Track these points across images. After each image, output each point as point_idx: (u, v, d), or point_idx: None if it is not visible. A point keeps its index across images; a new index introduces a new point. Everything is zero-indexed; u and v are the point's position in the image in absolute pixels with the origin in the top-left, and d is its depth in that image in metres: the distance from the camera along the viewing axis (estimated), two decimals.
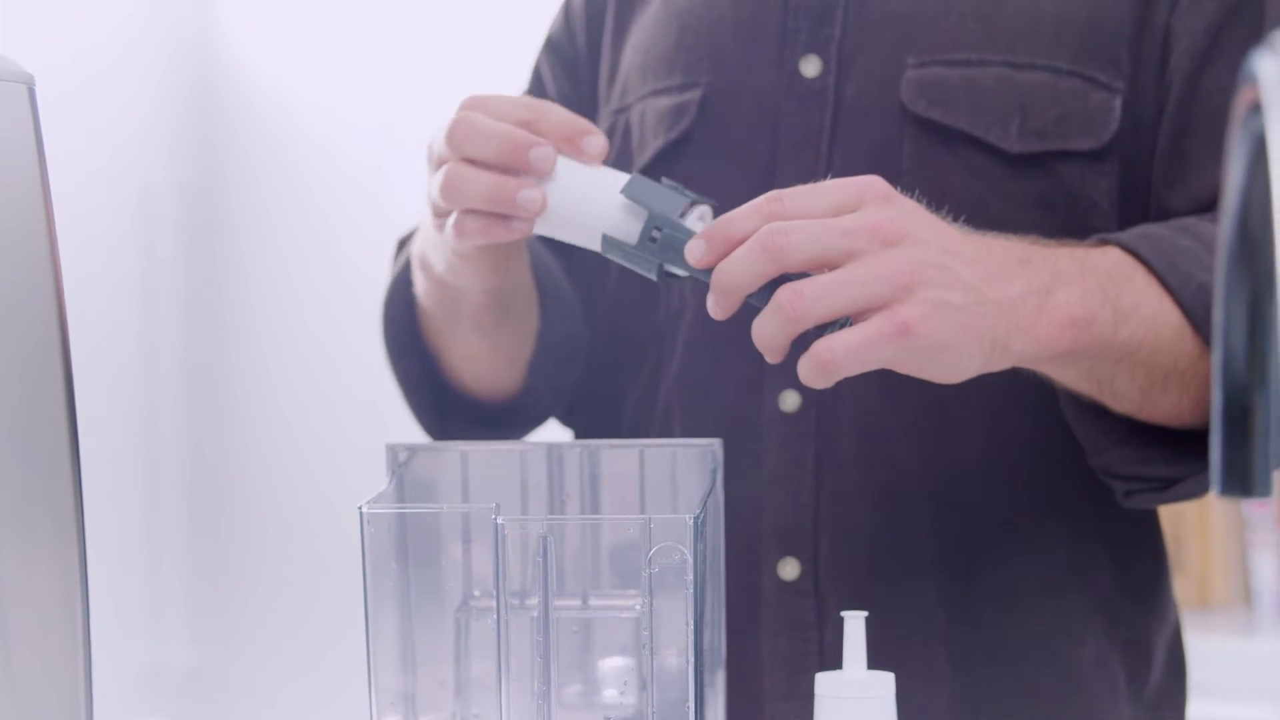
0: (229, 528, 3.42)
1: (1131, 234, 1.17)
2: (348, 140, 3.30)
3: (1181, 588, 2.69)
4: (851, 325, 1.01)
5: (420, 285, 1.31)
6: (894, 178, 1.24)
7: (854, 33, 1.29)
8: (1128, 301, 1.11)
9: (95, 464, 0.95)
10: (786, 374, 1.26)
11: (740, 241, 1.03)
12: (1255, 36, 1.20)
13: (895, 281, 1.00)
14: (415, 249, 1.31)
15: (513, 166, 1.13)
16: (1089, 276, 1.10)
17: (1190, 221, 1.19)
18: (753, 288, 1.03)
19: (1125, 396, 1.16)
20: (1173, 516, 2.63)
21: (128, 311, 3.33)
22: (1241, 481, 0.70)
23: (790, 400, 1.28)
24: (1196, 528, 2.72)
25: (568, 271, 1.42)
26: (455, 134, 1.14)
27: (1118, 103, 1.24)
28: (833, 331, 1.01)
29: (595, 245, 1.12)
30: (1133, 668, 1.30)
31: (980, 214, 1.23)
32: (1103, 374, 1.14)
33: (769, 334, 1.02)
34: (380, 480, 1.12)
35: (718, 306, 1.04)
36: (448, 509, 1.09)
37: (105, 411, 3.24)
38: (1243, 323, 0.70)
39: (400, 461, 1.13)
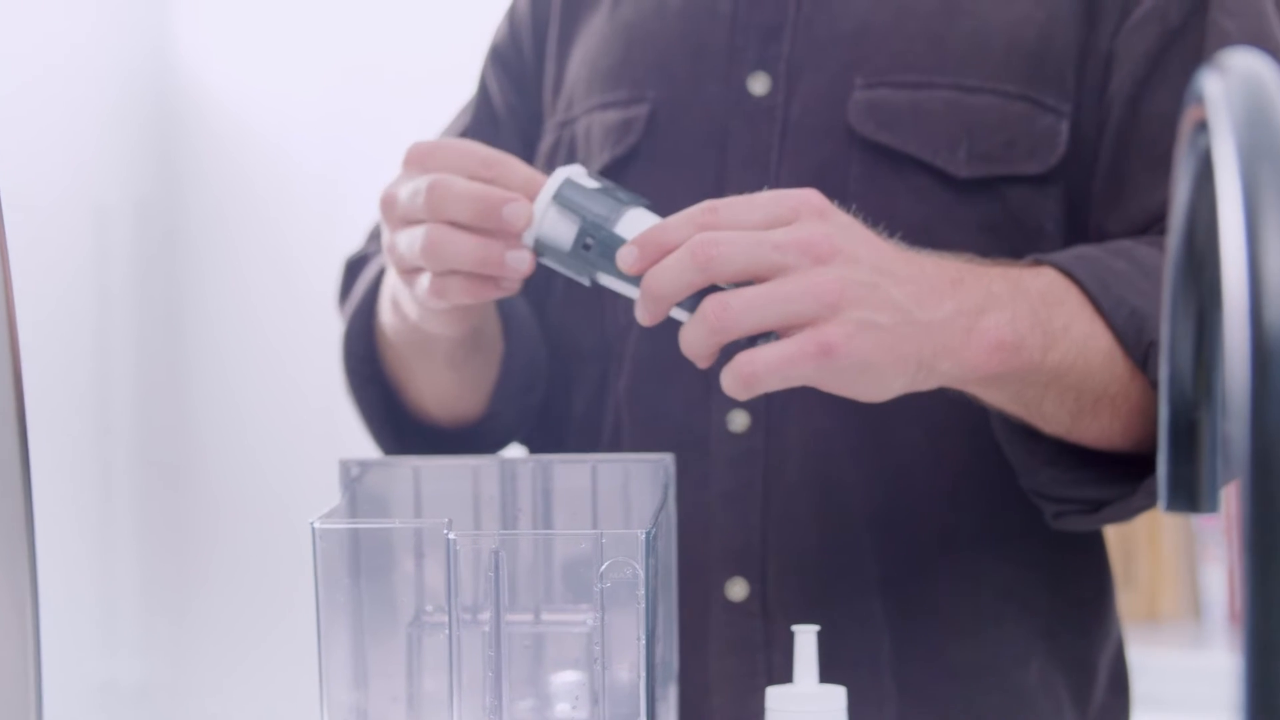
0: (182, 542, 3.41)
1: (1067, 255, 1.17)
2: (304, 155, 3.29)
3: (1131, 601, 2.70)
4: (777, 339, 1.02)
5: (390, 324, 1.30)
6: (840, 199, 1.24)
7: (802, 51, 1.29)
8: (1058, 325, 1.12)
9: (47, 478, 0.95)
10: None
11: (672, 250, 1.03)
12: (1196, 61, 1.21)
13: (822, 299, 1.01)
14: (385, 291, 1.29)
15: (488, 226, 1.11)
16: (1021, 299, 1.10)
17: (1127, 244, 1.20)
18: (680, 297, 1.03)
19: (1054, 419, 1.16)
20: (1123, 530, 2.64)
21: (82, 329, 3.32)
22: (1187, 497, 0.71)
23: (739, 420, 1.28)
24: (1146, 541, 2.73)
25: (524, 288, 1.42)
26: (433, 198, 1.12)
27: (1064, 126, 1.25)
28: (760, 344, 1.02)
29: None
30: (1076, 686, 1.31)
31: (926, 237, 1.24)
32: (1031, 397, 1.14)
33: (694, 342, 1.03)
34: (334, 495, 1.12)
35: (645, 313, 1.04)
36: (400, 524, 1.09)
37: (58, 425, 3.23)
38: (1189, 339, 0.70)
39: (353, 476, 1.13)
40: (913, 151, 1.25)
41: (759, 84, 1.29)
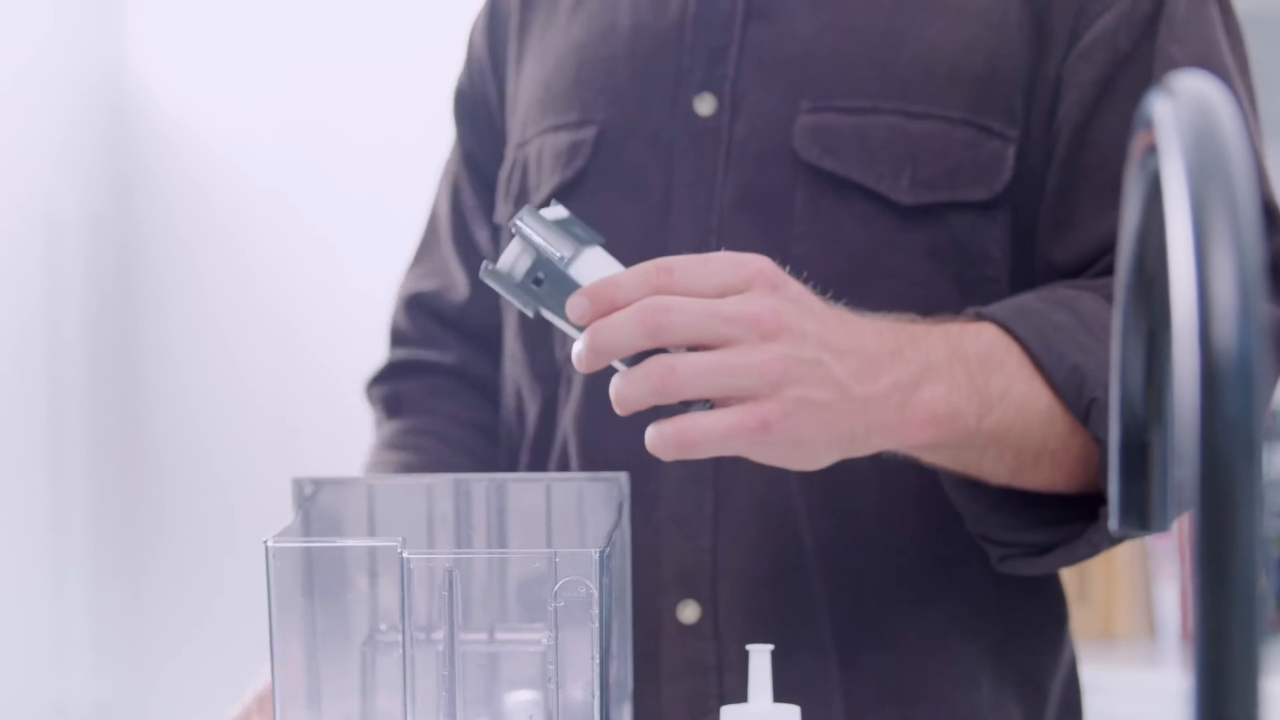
0: (134, 562, 3.39)
1: (1010, 308, 1.18)
2: (255, 167, 3.29)
3: (1086, 619, 2.71)
4: (711, 406, 1.02)
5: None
6: (786, 223, 1.25)
7: (748, 73, 1.28)
8: (996, 389, 1.12)
9: None
10: None
11: (621, 307, 1.03)
12: (1145, 87, 1.21)
13: (765, 377, 1.02)
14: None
15: None
16: (958, 367, 1.11)
17: (1070, 294, 1.20)
18: (623, 355, 1.03)
19: (994, 474, 1.17)
20: None
21: (34, 342, 3.31)
22: (1138, 517, 0.71)
23: None
24: (1101, 559, 2.74)
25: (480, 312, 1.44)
26: None
27: (1011, 152, 1.25)
28: (694, 409, 1.02)
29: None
30: (1028, 707, 1.31)
31: (872, 262, 1.24)
32: (969, 458, 1.15)
33: (630, 396, 1.02)
34: (287, 513, 1.11)
35: (584, 363, 1.03)
36: (354, 543, 1.09)
37: (9, 443, 3.21)
38: (1139, 360, 0.71)
39: (306, 495, 1.13)
40: (856, 178, 1.25)
41: (705, 105, 1.29)
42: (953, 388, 1.10)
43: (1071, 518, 1.19)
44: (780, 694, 1.04)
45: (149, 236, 3.39)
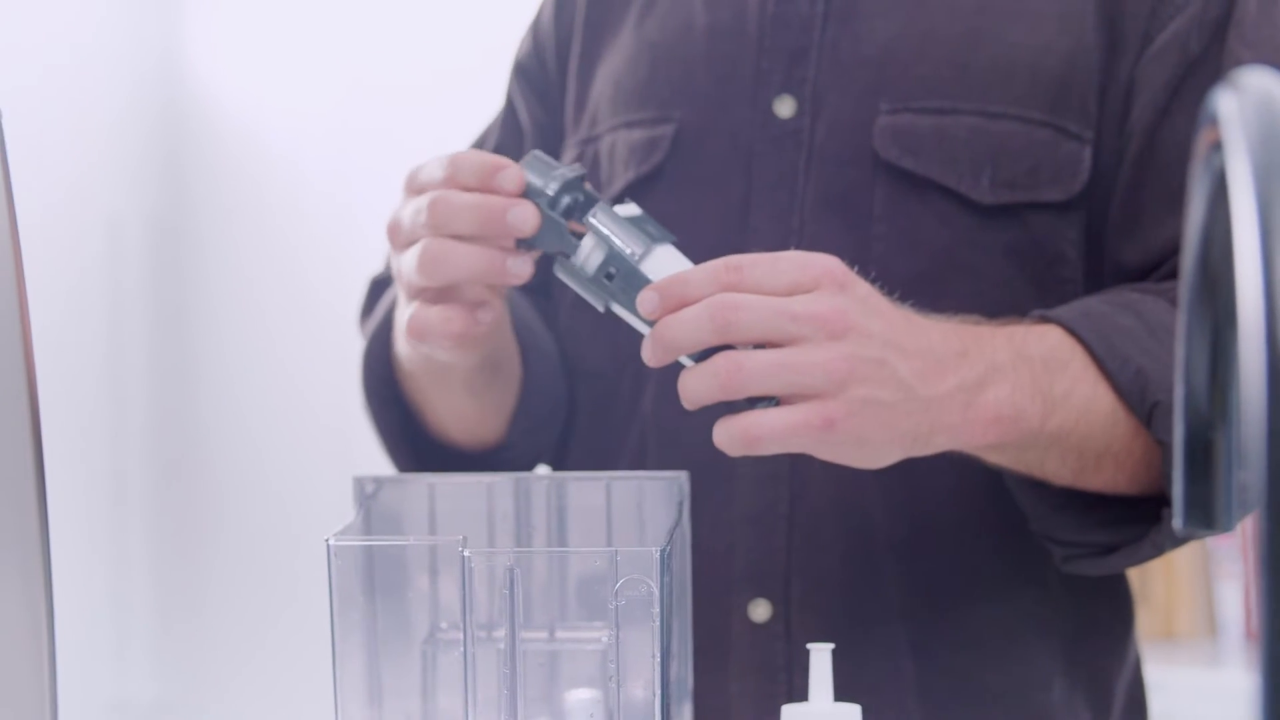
0: (195, 562, 3.41)
1: (1074, 311, 1.18)
2: (313, 168, 3.30)
3: (1147, 619, 2.70)
4: (777, 404, 1.04)
5: (404, 354, 1.30)
6: (866, 223, 1.25)
7: (827, 75, 1.28)
8: (1060, 390, 1.13)
9: (60, 495, 0.95)
10: None
11: (692, 303, 1.04)
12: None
13: (831, 376, 1.03)
14: (398, 319, 1.30)
15: (491, 234, 1.12)
16: (1023, 368, 1.12)
17: (1135, 297, 1.20)
18: (692, 350, 1.05)
19: (1057, 475, 1.18)
20: None
21: (94, 341, 3.32)
22: (1203, 516, 0.71)
23: None
24: (1162, 559, 2.72)
25: (544, 315, 1.42)
26: (434, 214, 1.13)
27: (1088, 153, 1.25)
28: (760, 407, 1.04)
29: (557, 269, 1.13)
30: (1096, 707, 1.30)
31: (950, 261, 1.24)
32: (1031, 459, 1.16)
33: (697, 391, 1.05)
34: (347, 512, 1.12)
35: (653, 356, 1.06)
36: (415, 542, 1.09)
37: (71, 442, 3.23)
38: (1204, 359, 0.70)
39: (367, 494, 1.13)
40: (936, 177, 1.25)
41: (785, 107, 1.29)
42: (1017, 389, 1.10)
43: (1135, 519, 1.19)
44: (854, 693, 1.03)
45: (207, 237, 3.40)
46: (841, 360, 1.03)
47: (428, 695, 1.06)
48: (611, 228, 1.09)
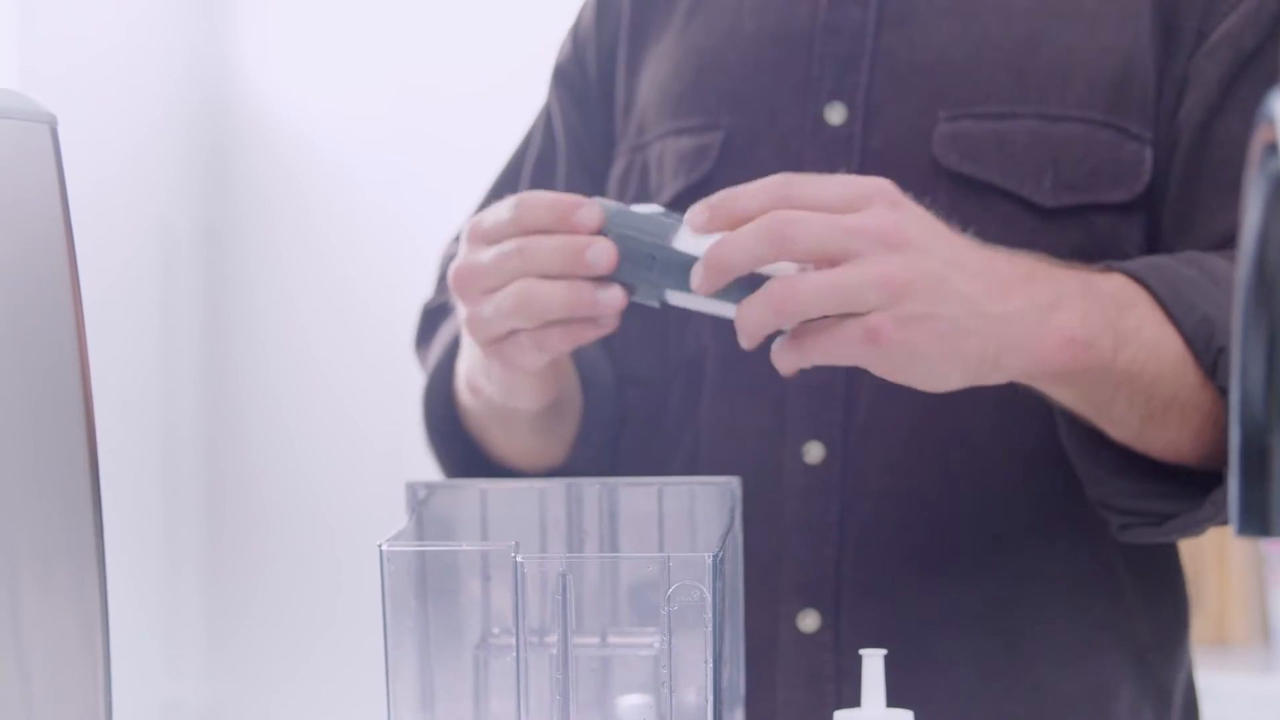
0: (247, 564, 3.42)
1: (1138, 263, 1.17)
2: (364, 175, 3.31)
3: (1199, 625, 2.68)
4: None
5: (470, 404, 1.30)
6: None
7: (881, 82, 1.28)
8: (1130, 325, 1.11)
9: (114, 500, 0.95)
10: (810, 425, 1.25)
11: (744, 219, 1.04)
12: (1268, 86, 1.20)
13: (886, 289, 1.02)
14: (461, 371, 1.29)
15: (574, 273, 1.11)
16: (1092, 298, 1.10)
17: (1197, 255, 1.19)
18: (748, 269, 1.04)
19: (1123, 423, 1.15)
20: (1191, 554, 2.62)
21: (147, 349, 3.34)
22: (1259, 521, 0.70)
23: (814, 452, 1.27)
24: (1214, 565, 2.72)
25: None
26: (525, 258, 1.11)
27: (1149, 154, 1.24)
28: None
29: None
30: (1160, 713, 1.30)
31: None
32: (1101, 398, 1.13)
33: (752, 321, 1.04)
34: (399, 518, 1.12)
35: (707, 281, 1.04)
36: (467, 547, 1.09)
37: (124, 447, 3.25)
38: (1260, 362, 0.70)
39: (419, 499, 1.13)
40: (998, 182, 1.24)
41: (836, 114, 1.29)
42: (1088, 314, 1.09)
43: (1193, 488, 1.17)
44: (906, 702, 1.03)
45: (256, 242, 3.41)
46: (899, 271, 1.02)
47: (480, 700, 1.06)
48: (632, 225, 1.09)
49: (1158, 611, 1.30)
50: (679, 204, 1.31)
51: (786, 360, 1.05)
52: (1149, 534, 1.21)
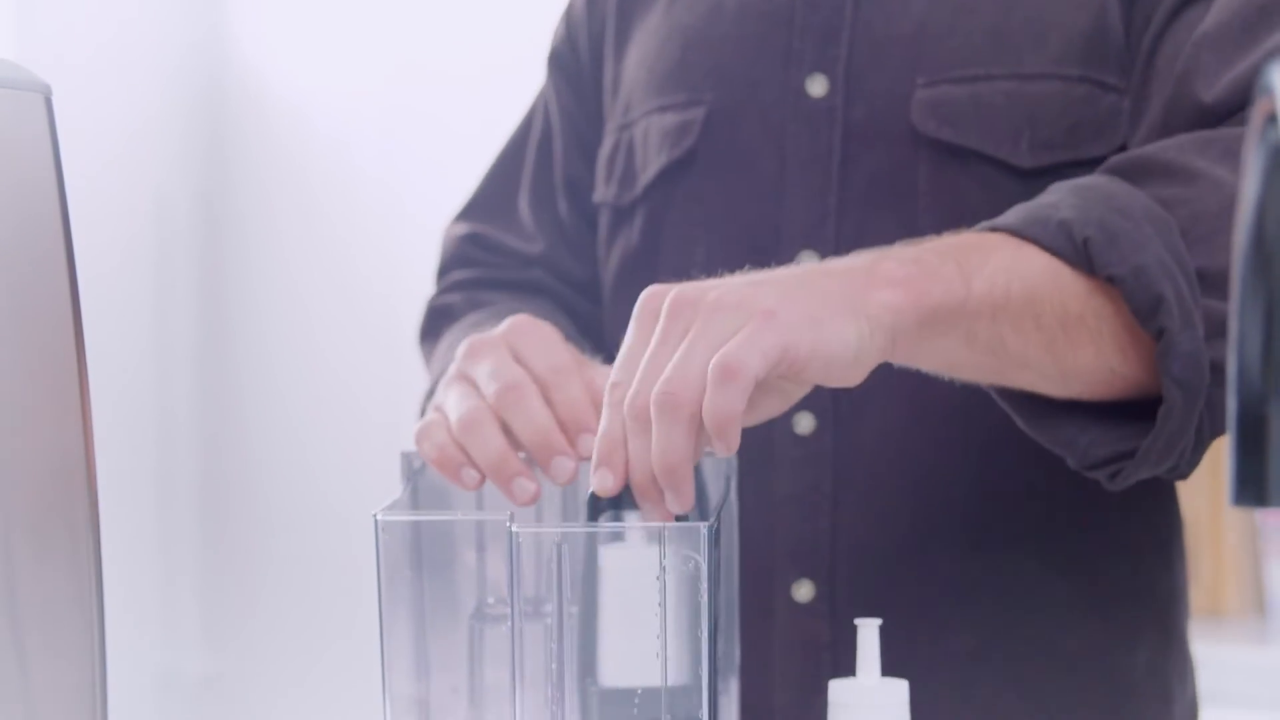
0: (242, 534, 3.42)
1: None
2: (360, 148, 3.30)
3: (1194, 596, 2.68)
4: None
5: None
6: (910, 199, 1.24)
7: (861, 53, 1.28)
8: (975, 259, 1.06)
9: (109, 470, 0.95)
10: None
11: (623, 441, 1.01)
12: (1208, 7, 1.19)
13: (743, 311, 0.99)
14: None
15: (534, 458, 1.11)
16: (922, 246, 1.07)
17: (1059, 185, 1.15)
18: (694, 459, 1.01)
19: (1034, 361, 1.09)
20: (1185, 526, 2.62)
21: (142, 319, 3.34)
22: (1256, 490, 0.70)
23: (804, 423, 1.27)
24: (1209, 537, 2.72)
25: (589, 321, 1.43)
26: (504, 400, 1.11)
27: (1125, 104, 1.24)
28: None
29: None
30: (1178, 667, 1.31)
31: None
32: (988, 336, 1.07)
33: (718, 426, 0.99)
34: (394, 487, 1.12)
35: (680, 500, 1.01)
36: (463, 517, 1.09)
37: (119, 417, 3.25)
38: (1258, 331, 0.70)
39: (415, 469, 1.13)
40: (975, 146, 1.24)
41: (817, 86, 1.29)
42: (920, 255, 1.05)
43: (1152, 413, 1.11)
44: (901, 673, 1.03)
45: (253, 216, 3.41)
46: (717, 312, 0.98)
47: (475, 670, 1.06)
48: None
49: (1167, 565, 1.30)
50: (664, 178, 1.31)
51: (725, 445, 1.00)
52: (1137, 470, 1.13)
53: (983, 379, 1.11)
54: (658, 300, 1.02)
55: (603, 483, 1.01)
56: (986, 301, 1.06)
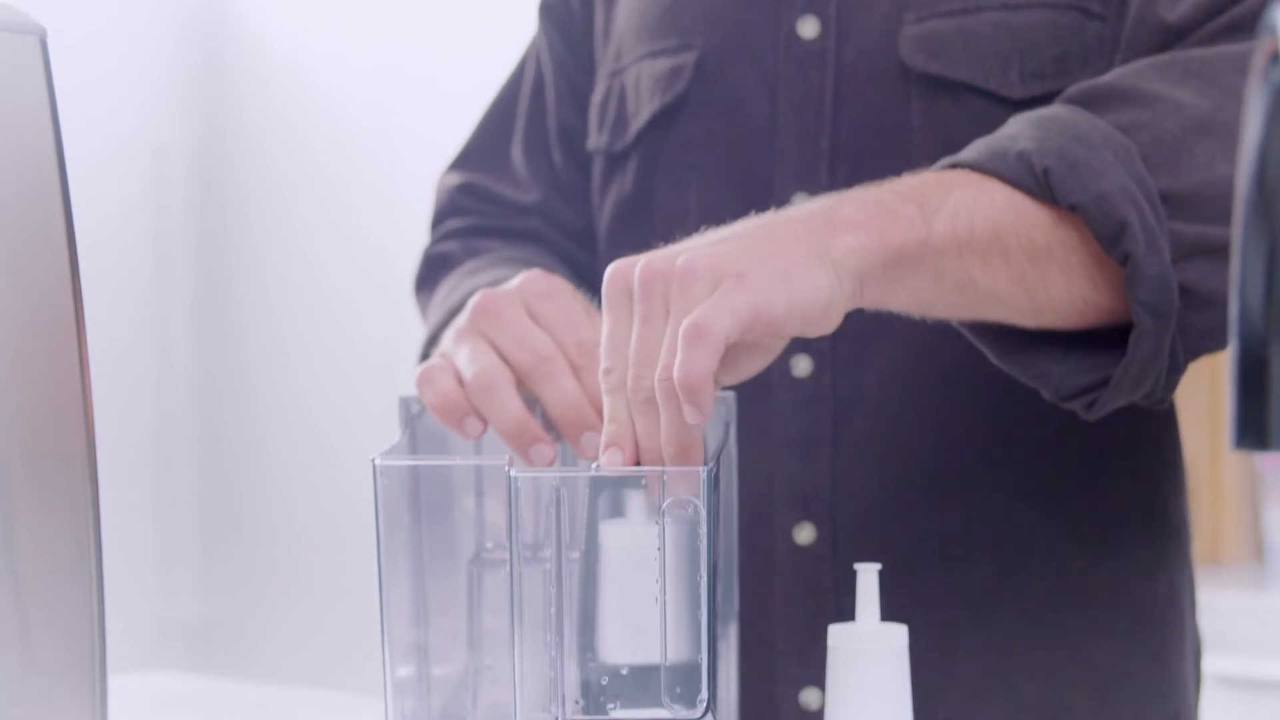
0: (241, 481, 3.43)
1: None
2: (356, 103, 3.30)
3: (1193, 542, 2.69)
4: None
5: None
6: (904, 136, 1.23)
7: None
8: (935, 197, 1.05)
9: (107, 419, 0.95)
10: (796, 339, 1.25)
11: (630, 424, 1.00)
12: None
13: (714, 274, 0.98)
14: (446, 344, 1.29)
15: (565, 433, 1.11)
16: (883, 188, 1.06)
17: (1021, 116, 1.14)
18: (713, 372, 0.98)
19: (1005, 295, 1.08)
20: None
21: (140, 267, 3.34)
22: (1257, 434, 0.70)
23: (802, 365, 1.27)
24: (1208, 482, 2.72)
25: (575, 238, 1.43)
26: (540, 371, 1.12)
27: (1110, 31, 1.23)
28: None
29: None
30: (1192, 601, 1.31)
31: None
32: (956, 274, 1.06)
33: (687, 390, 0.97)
34: (393, 433, 1.12)
35: (700, 409, 0.98)
36: (461, 462, 1.09)
37: (118, 366, 3.25)
38: (1260, 274, 0.69)
39: (413, 414, 1.13)
40: (965, 78, 1.23)
41: (808, 27, 1.28)
42: (879, 195, 1.05)
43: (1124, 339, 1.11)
44: (903, 616, 1.03)
45: (251, 167, 3.41)
46: (689, 268, 0.97)
47: (474, 615, 1.06)
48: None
49: (1177, 493, 1.31)
50: (656, 123, 1.31)
51: (696, 411, 0.98)
52: (1114, 399, 1.13)
53: (955, 316, 1.11)
54: (625, 277, 1.01)
55: (613, 461, 1.01)
56: (950, 239, 1.05)
